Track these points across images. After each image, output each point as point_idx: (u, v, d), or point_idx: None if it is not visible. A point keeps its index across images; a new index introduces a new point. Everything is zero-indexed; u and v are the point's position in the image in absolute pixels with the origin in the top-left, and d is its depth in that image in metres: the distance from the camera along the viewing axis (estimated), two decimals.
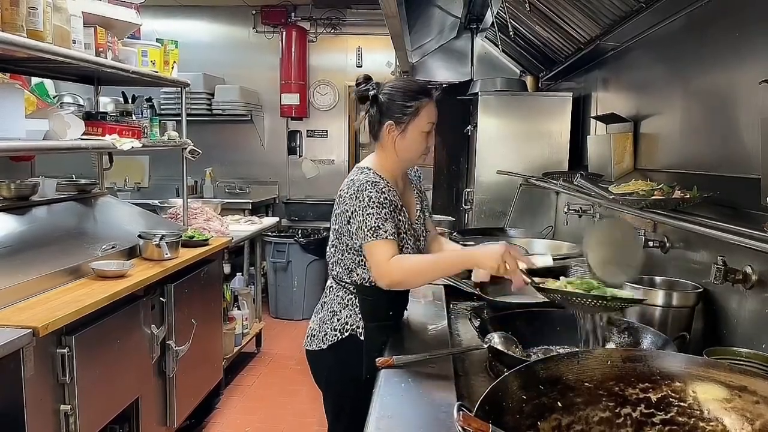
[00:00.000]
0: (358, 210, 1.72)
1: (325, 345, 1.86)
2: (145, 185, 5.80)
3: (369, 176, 1.78)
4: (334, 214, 1.86)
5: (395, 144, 1.83)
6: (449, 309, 2.17)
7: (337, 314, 1.86)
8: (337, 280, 1.89)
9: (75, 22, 2.36)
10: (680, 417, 1.04)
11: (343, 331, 1.84)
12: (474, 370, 1.62)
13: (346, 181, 1.83)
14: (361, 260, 1.82)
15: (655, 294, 1.71)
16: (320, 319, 1.91)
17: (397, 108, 1.81)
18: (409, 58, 4.55)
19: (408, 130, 1.81)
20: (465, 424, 0.84)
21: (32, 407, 1.86)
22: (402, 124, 1.81)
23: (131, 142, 2.79)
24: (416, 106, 1.80)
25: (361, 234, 1.71)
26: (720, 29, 1.84)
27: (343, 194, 1.80)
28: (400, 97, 1.81)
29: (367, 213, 1.71)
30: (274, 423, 3.50)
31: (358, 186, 1.75)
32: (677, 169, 2.10)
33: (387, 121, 1.82)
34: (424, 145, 1.85)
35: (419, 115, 1.80)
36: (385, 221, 1.71)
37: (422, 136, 1.83)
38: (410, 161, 1.90)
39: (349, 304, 1.85)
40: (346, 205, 1.76)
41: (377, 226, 1.70)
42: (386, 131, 1.83)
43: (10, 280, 2.10)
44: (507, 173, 3.53)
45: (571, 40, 3.11)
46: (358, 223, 1.72)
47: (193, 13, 6.14)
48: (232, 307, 4.09)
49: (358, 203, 1.73)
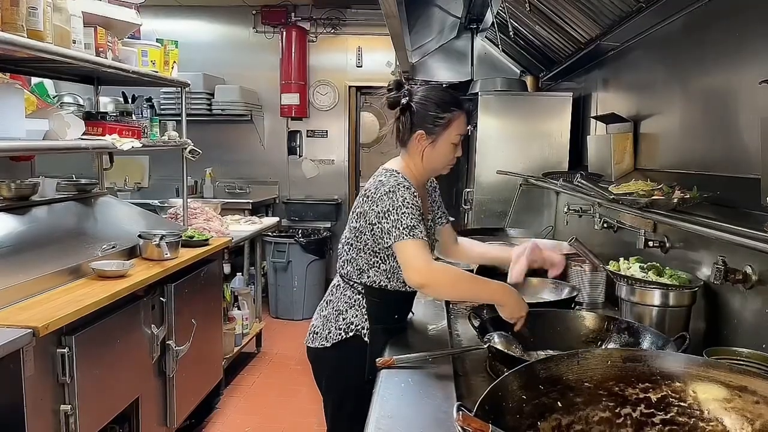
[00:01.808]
0: (391, 209, 1.70)
1: (329, 343, 1.85)
2: (145, 185, 5.79)
3: (400, 180, 1.77)
4: (354, 212, 1.85)
5: (424, 153, 1.83)
6: (449, 309, 2.17)
7: (342, 313, 1.85)
8: (346, 279, 1.88)
9: (75, 22, 2.36)
10: (680, 417, 1.04)
11: (348, 330, 1.83)
12: (474, 370, 1.62)
13: (373, 182, 1.81)
14: (376, 262, 1.82)
15: (652, 293, 1.72)
16: (324, 317, 1.90)
17: (429, 118, 1.80)
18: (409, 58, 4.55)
19: (438, 141, 1.82)
20: (465, 424, 0.84)
21: (32, 407, 1.86)
22: (433, 135, 1.81)
23: (131, 142, 2.79)
24: (448, 118, 1.80)
25: (395, 232, 1.68)
26: (720, 29, 1.84)
27: (370, 194, 1.78)
28: (434, 107, 1.80)
29: (402, 212, 1.69)
30: (274, 423, 3.50)
31: (390, 187, 1.74)
32: (677, 169, 2.10)
33: (418, 131, 1.81)
34: (452, 156, 1.86)
35: (450, 127, 1.81)
36: (419, 222, 1.71)
37: (451, 148, 1.84)
38: (436, 171, 1.91)
39: (356, 305, 1.85)
40: (375, 205, 1.74)
41: (413, 225, 1.68)
42: (416, 140, 1.82)
43: (10, 280, 2.10)
44: (507, 173, 3.53)
45: (571, 40, 3.11)
46: (392, 221, 1.69)
47: (193, 13, 6.15)
48: (232, 307, 4.10)
49: (391, 203, 1.71)
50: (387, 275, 1.83)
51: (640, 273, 1.84)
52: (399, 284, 1.85)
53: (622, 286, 1.81)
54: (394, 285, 1.85)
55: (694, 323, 1.72)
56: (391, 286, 1.85)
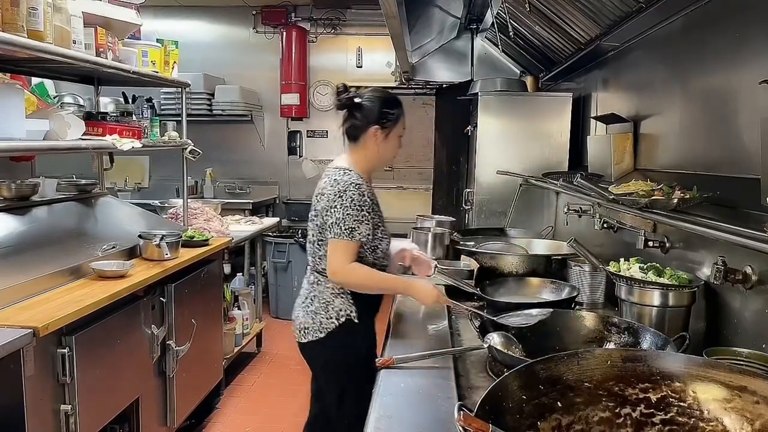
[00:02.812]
0: (338, 207, 1.94)
1: (323, 334, 2.02)
2: (146, 185, 5.80)
3: (352, 177, 2.00)
4: (315, 210, 2.07)
5: (379, 146, 2.07)
6: (450, 309, 2.18)
7: (330, 303, 2.03)
8: (325, 273, 2.03)
9: (75, 23, 2.36)
10: (680, 417, 1.04)
11: (339, 318, 2.01)
12: (474, 370, 1.63)
13: (327, 181, 2.03)
14: None
15: (651, 294, 1.72)
16: (312, 312, 2.05)
17: (381, 114, 2.05)
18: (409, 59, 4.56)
19: (390, 135, 2.08)
20: (465, 424, 0.84)
21: (32, 407, 1.86)
22: (386, 129, 2.06)
23: (131, 142, 2.79)
24: (397, 114, 2.08)
25: (336, 230, 1.93)
26: (720, 29, 1.84)
27: (326, 192, 2.00)
28: (384, 105, 2.06)
29: (347, 213, 1.93)
30: (275, 423, 3.50)
31: (342, 186, 1.97)
32: (677, 169, 2.10)
33: (373, 126, 2.05)
34: (397, 149, 2.14)
35: (399, 122, 2.08)
36: (361, 224, 1.95)
37: (398, 141, 2.12)
38: (386, 161, 2.21)
39: (341, 293, 2.03)
40: (329, 201, 1.97)
41: (353, 228, 1.93)
42: (372, 134, 2.06)
43: (10, 280, 2.10)
44: (507, 173, 3.53)
45: (571, 41, 3.11)
46: (335, 219, 1.94)
47: (193, 14, 6.15)
48: (233, 307, 4.09)
49: (340, 201, 1.94)
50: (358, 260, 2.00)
51: (640, 273, 1.84)
52: (372, 260, 2.06)
53: (622, 287, 1.81)
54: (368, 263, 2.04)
55: (694, 323, 1.72)
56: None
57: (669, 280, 1.76)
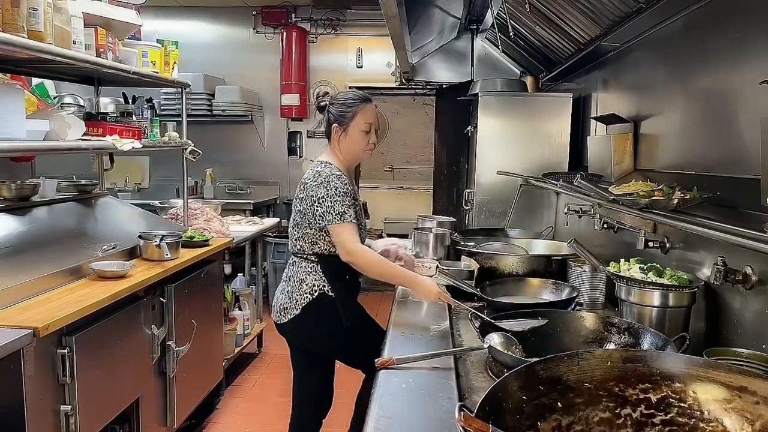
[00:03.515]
0: (325, 197, 2.11)
1: (299, 310, 2.19)
2: (146, 186, 5.80)
3: (333, 170, 2.18)
4: (297, 198, 2.24)
5: (339, 142, 2.27)
6: (450, 309, 2.18)
7: (304, 281, 2.20)
8: (299, 254, 2.24)
9: (75, 23, 2.36)
10: (680, 417, 1.04)
11: (313, 292, 2.19)
12: (474, 371, 1.62)
13: (311, 172, 2.21)
14: (321, 235, 2.19)
15: (651, 294, 1.72)
16: (288, 293, 2.23)
17: (340, 113, 2.25)
18: (409, 59, 4.56)
19: (348, 131, 2.25)
20: (466, 425, 0.84)
21: (32, 407, 1.86)
22: (344, 125, 2.25)
23: (131, 142, 2.79)
24: (353, 111, 2.24)
25: (329, 217, 2.10)
26: (720, 30, 1.84)
27: (309, 182, 2.18)
28: (342, 105, 2.25)
29: (335, 200, 2.10)
30: (275, 423, 3.50)
31: (324, 177, 2.15)
32: (677, 170, 2.10)
33: (333, 125, 2.27)
34: (366, 142, 2.27)
35: (356, 117, 2.23)
36: (349, 208, 2.12)
37: (362, 135, 2.25)
38: (355, 156, 2.32)
39: (312, 271, 2.21)
40: (312, 192, 2.14)
41: (343, 212, 2.10)
42: (334, 132, 2.28)
43: (10, 281, 2.10)
44: (507, 174, 3.53)
45: (571, 41, 3.11)
46: (326, 207, 2.10)
47: (193, 14, 6.15)
48: (233, 307, 4.09)
49: (325, 191, 2.12)
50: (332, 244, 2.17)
51: (640, 274, 1.84)
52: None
53: (622, 287, 1.81)
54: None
55: (694, 324, 1.72)
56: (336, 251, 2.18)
57: (669, 280, 1.76)
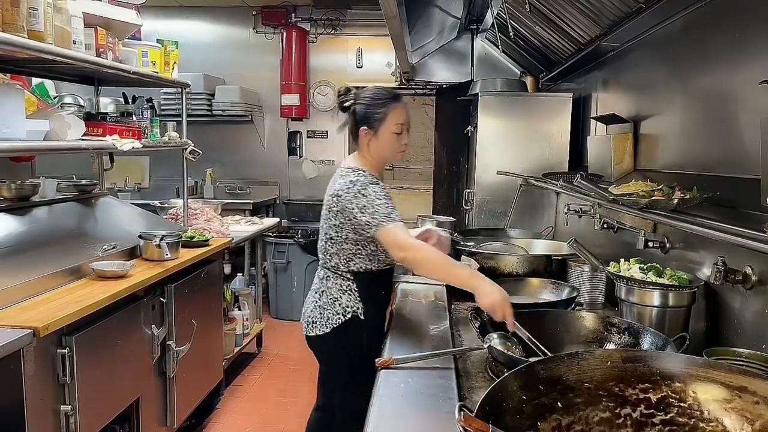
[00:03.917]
0: (367, 204, 1.95)
1: (329, 329, 2.07)
2: (146, 186, 5.79)
3: (367, 177, 2.02)
4: (331, 212, 2.07)
5: (370, 146, 2.09)
6: (451, 309, 2.18)
7: (338, 300, 2.08)
8: (334, 270, 2.11)
9: (75, 23, 2.36)
10: (680, 417, 1.05)
11: (345, 313, 2.06)
12: (474, 370, 1.63)
13: (342, 182, 2.03)
14: (358, 250, 2.07)
15: (651, 294, 1.72)
16: (321, 307, 2.11)
17: (368, 115, 2.07)
18: (409, 59, 4.56)
19: (379, 133, 2.07)
20: (466, 425, 0.84)
21: (32, 407, 1.86)
22: (373, 128, 2.07)
23: (132, 142, 2.79)
24: (383, 112, 2.06)
25: (375, 222, 1.92)
26: (720, 30, 1.84)
27: (343, 194, 2.00)
28: (371, 105, 2.07)
29: (377, 204, 1.94)
30: (275, 423, 3.50)
31: (360, 186, 1.98)
32: (677, 170, 2.10)
33: (362, 127, 2.08)
34: (397, 144, 2.10)
35: (387, 118, 2.06)
36: (393, 209, 1.96)
37: (394, 137, 2.08)
38: (387, 159, 2.17)
39: (347, 290, 2.08)
40: (349, 204, 1.97)
41: (389, 213, 1.94)
42: (362, 135, 2.09)
43: (10, 281, 2.10)
44: (507, 174, 3.53)
45: (571, 41, 3.11)
46: (369, 214, 1.94)
47: (193, 14, 6.15)
48: (233, 307, 4.09)
49: (365, 199, 1.95)
50: (369, 258, 2.08)
51: (640, 274, 1.84)
52: (381, 264, 2.11)
53: (622, 287, 1.81)
54: (377, 265, 2.10)
55: (694, 324, 1.72)
56: (374, 267, 2.09)
57: (669, 280, 1.76)
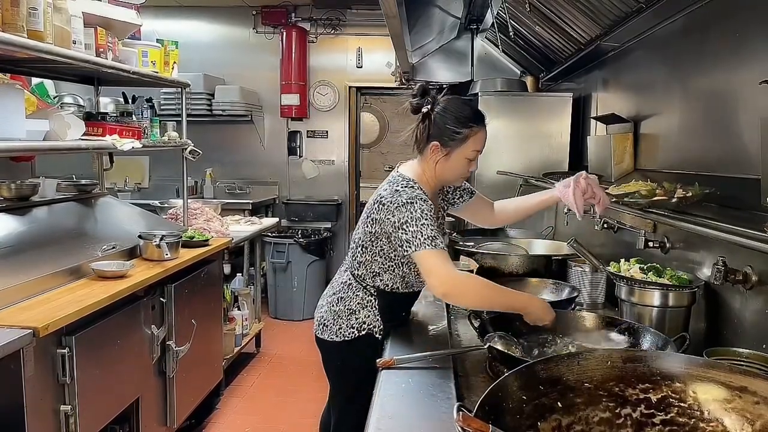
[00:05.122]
0: (410, 221, 1.71)
1: (339, 338, 1.92)
2: (146, 186, 5.79)
3: (417, 192, 1.77)
4: (370, 217, 1.86)
5: (436, 165, 1.84)
6: (449, 309, 2.17)
7: (355, 313, 1.92)
8: (359, 279, 1.93)
9: (75, 23, 2.36)
10: (680, 417, 1.05)
11: (361, 329, 1.90)
12: (474, 370, 1.62)
13: (389, 189, 1.80)
14: (390, 266, 1.88)
15: (651, 294, 1.72)
16: (336, 313, 1.95)
17: (446, 131, 1.80)
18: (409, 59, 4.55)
19: (452, 155, 1.82)
20: (465, 425, 0.84)
21: (32, 407, 1.86)
22: (448, 148, 1.81)
23: (131, 142, 2.79)
24: (465, 134, 1.80)
25: (416, 242, 1.69)
26: (720, 30, 1.84)
27: (386, 201, 1.78)
28: (452, 121, 1.80)
29: (422, 224, 1.70)
30: (274, 423, 3.50)
31: (407, 198, 1.74)
32: (677, 170, 2.09)
33: (434, 141, 1.81)
34: (465, 171, 1.87)
35: (466, 142, 1.80)
36: (439, 234, 1.74)
37: (465, 162, 1.84)
38: (447, 182, 1.95)
39: (368, 305, 1.91)
40: (392, 215, 1.74)
41: (433, 236, 1.70)
42: (431, 150, 1.82)
43: (10, 281, 2.10)
44: (507, 174, 3.53)
45: (571, 41, 3.11)
46: (411, 233, 1.70)
47: (193, 14, 6.14)
48: (232, 307, 4.09)
49: (410, 214, 1.71)
50: (400, 279, 1.90)
51: (640, 274, 1.84)
52: (410, 288, 1.95)
53: (622, 287, 1.81)
54: (405, 288, 1.93)
55: (694, 324, 1.72)
56: (402, 289, 1.92)
57: (669, 280, 1.76)
